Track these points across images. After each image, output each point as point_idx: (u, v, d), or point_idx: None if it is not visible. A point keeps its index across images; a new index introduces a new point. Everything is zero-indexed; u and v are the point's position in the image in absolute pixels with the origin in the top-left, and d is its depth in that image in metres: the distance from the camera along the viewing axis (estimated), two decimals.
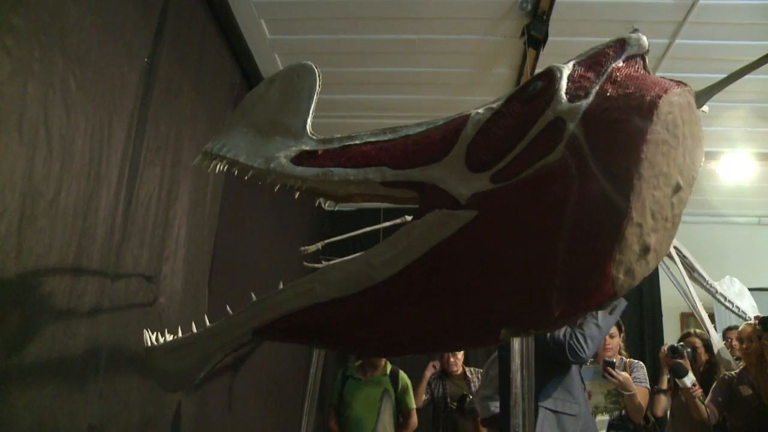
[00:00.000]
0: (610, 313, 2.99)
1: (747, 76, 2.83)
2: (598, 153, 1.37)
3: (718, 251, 6.71)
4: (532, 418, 1.42)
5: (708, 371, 4.36)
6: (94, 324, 2.77)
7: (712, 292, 4.37)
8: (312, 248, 5.11)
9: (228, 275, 4.39)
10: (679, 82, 1.51)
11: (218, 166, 1.84)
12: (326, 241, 5.22)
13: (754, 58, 2.75)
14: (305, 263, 4.89)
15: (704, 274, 4.33)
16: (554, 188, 1.39)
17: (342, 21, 4.61)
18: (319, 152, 1.74)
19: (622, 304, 3.04)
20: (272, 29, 4.67)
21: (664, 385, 4.31)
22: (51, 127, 2.40)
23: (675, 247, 4.25)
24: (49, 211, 2.41)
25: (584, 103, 1.45)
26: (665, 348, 4.19)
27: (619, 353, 4.22)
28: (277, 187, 1.78)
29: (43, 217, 2.38)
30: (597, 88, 1.50)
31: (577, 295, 1.38)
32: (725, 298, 4.39)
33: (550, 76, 1.56)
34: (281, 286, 1.71)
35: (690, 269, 4.32)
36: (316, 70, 1.97)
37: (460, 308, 1.52)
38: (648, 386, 4.03)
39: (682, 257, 4.28)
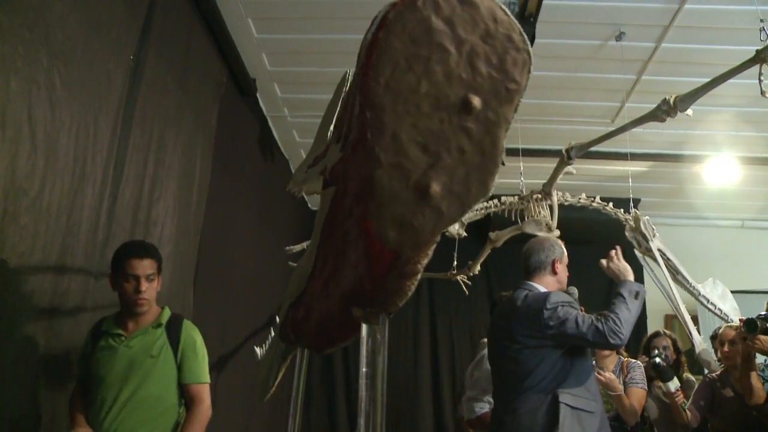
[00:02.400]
0: (635, 297, 2.93)
1: (731, 80, 2.88)
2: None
3: (701, 254, 6.76)
4: (382, 418, 1.26)
5: (675, 369, 4.38)
6: (77, 323, 2.75)
7: (695, 295, 4.41)
8: (297, 248, 5.11)
9: (213, 274, 4.37)
10: None
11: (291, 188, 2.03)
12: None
13: (739, 63, 2.79)
14: (290, 263, 4.89)
15: (688, 276, 4.37)
16: (360, 146, 1.19)
17: (329, 20, 4.60)
18: (317, 156, 1.78)
19: (642, 289, 2.96)
20: (259, 28, 4.66)
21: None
22: (35, 124, 2.38)
23: (659, 250, 4.29)
24: (33, 208, 2.40)
25: None
26: (646, 364, 4.21)
27: (618, 353, 4.22)
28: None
29: (26, 214, 2.36)
30: None
31: (364, 262, 1.17)
32: (708, 301, 4.43)
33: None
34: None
35: (674, 271, 4.36)
36: (345, 74, 1.94)
37: (335, 292, 1.37)
38: (645, 387, 4.02)
39: (666, 259, 4.32)
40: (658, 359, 3.91)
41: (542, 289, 3.07)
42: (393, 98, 1.04)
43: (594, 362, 3.97)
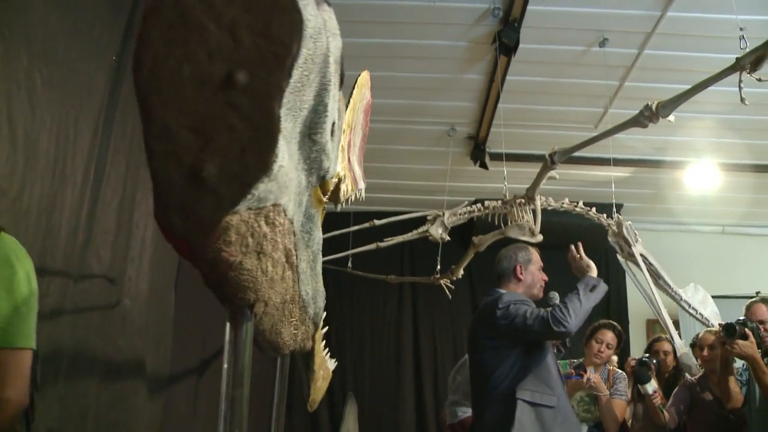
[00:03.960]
0: (591, 290, 2.96)
1: (712, 87, 2.91)
2: None
3: (683, 259, 6.82)
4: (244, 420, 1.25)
5: (674, 376, 4.42)
6: (56, 326, 2.72)
7: (676, 299, 4.45)
8: None
9: (195, 277, 4.32)
10: None
11: None
12: None
13: (719, 70, 2.82)
14: None
15: (669, 281, 4.41)
16: None
17: None
18: None
19: (602, 285, 3.01)
20: None
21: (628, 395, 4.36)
22: (15, 124, 2.35)
23: (642, 255, 4.32)
24: (12, 209, 2.36)
25: None
26: (633, 361, 4.23)
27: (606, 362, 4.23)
28: None
29: (5, 215, 2.32)
30: None
31: None
32: (689, 305, 4.47)
33: None
34: None
35: (656, 276, 4.39)
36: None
37: None
38: (627, 399, 4.04)
39: (648, 264, 4.35)
40: (645, 359, 3.95)
41: (508, 292, 3.13)
42: (157, 87, 1.00)
43: (575, 363, 4.01)
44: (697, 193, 6.92)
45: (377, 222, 5.17)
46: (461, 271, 5.14)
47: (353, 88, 2.35)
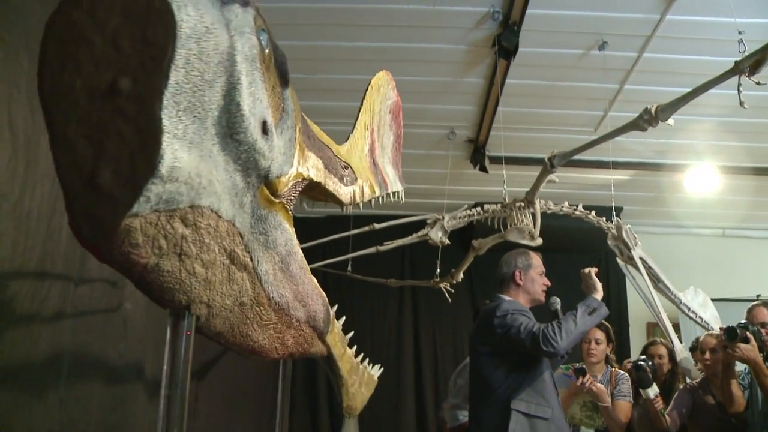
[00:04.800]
0: (590, 314, 2.97)
1: (712, 91, 2.91)
2: None
3: (682, 262, 6.81)
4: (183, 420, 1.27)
5: (669, 380, 4.41)
6: (57, 330, 2.72)
7: (676, 303, 4.44)
8: None
9: None
10: None
11: None
12: None
13: (718, 73, 2.82)
14: None
15: (669, 284, 4.40)
16: None
17: (313, 27, 4.60)
18: None
19: (602, 309, 3.02)
20: None
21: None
22: (16, 128, 2.36)
23: (641, 258, 4.32)
24: (13, 214, 2.37)
25: None
26: (629, 364, 4.23)
27: (607, 362, 4.23)
28: None
29: (5, 220, 2.33)
30: None
31: None
32: (689, 309, 4.46)
33: None
34: None
35: (655, 280, 4.39)
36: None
37: None
38: (631, 400, 4.03)
39: (648, 268, 4.35)
40: (641, 362, 3.94)
41: (509, 300, 3.15)
42: (56, 101, 1.07)
43: (584, 367, 4.00)
44: (697, 196, 6.92)
45: (377, 225, 5.17)
46: (461, 275, 5.14)
47: (366, 90, 2.34)
